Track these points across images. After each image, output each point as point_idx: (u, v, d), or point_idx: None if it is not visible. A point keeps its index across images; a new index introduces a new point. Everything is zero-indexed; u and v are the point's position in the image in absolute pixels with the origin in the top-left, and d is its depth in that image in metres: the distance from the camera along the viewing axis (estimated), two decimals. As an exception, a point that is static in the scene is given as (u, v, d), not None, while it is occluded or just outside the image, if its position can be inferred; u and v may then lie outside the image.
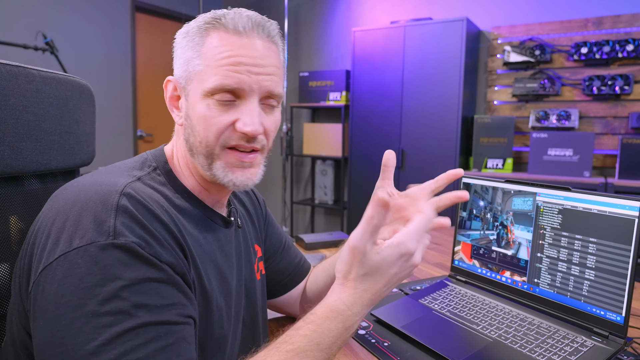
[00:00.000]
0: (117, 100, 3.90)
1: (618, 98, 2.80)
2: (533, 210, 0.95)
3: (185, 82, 0.64)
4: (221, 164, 0.63)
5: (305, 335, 0.53)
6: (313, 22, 4.23)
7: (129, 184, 0.56)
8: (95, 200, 0.53)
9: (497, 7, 3.21)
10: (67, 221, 0.52)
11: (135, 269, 0.50)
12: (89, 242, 0.50)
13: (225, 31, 0.61)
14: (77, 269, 0.49)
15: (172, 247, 0.56)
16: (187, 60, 0.63)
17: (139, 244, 0.51)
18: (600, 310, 0.83)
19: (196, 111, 0.62)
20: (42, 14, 3.28)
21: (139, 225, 0.53)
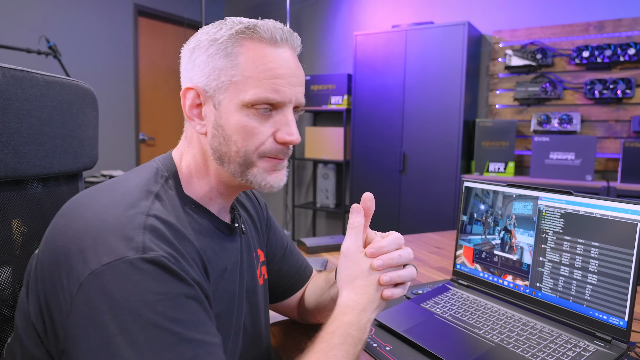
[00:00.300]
0: (119, 104, 3.91)
1: (620, 102, 2.79)
2: (534, 215, 0.95)
3: (214, 91, 0.62)
4: (258, 170, 0.65)
5: (332, 332, 0.61)
6: (315, 26, 4.24)
7: (152, 206, 0.56)
8: (121, 221, 0.52)
9: (498, 11, 3.22)
10: (92, 240, 0.51)
11: (167, 282, 0.50)
12: (117, 257, 0.49)
13: (260, 41, 0.62)
14: (108, 286, 0.48)
15: (197, 266, 0.56)
16: (219, 69, 0.62)
17: (168, 258, 0.51)
18: (602, 315, 0.83)
19: (233, 121, 0.62)
20: (45, 19, 3.30)
21: (167, 243, 0.53)
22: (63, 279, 0.51)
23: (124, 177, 0.63)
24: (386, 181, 3.33)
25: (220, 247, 0.68)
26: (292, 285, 0.92)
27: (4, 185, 0.66)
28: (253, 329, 0.77)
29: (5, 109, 0.62)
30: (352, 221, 0.69)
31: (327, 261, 1.34)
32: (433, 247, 1.62)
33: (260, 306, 0.79)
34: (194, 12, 4.47)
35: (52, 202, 0.75)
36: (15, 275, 0.68)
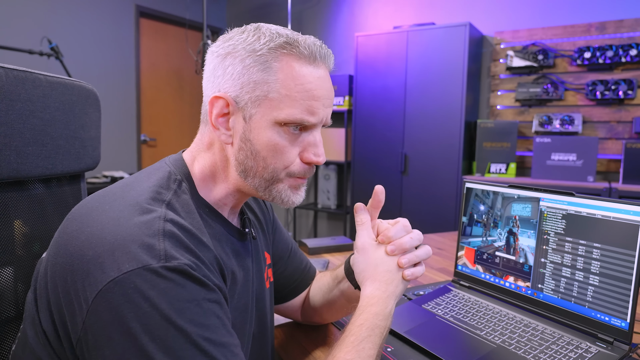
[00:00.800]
0: (120, 105, 3.92)
1: (622, 103, 2.79)
2: (535, 217, 0.95)
3: (245, 104, 0.61)
4: (283, 187, 0.65)
5: (361, 325, 0.63)
6: (316, 27, 4.24)
7: (168, 211, 0.56)
8: (139, 227, 0.51)
9: (500, 12, 3.22)
10: (110, 246, 0.50)
11: (191, 289, 0.50)
12: (140, 265, 0.48)
13: (299, 58, 0.60)
14: (133, 294, 0.47)
15: (216, 271, 0.57)
16: (254, 82, 0.60)
17: (191, 266, 0.51)
18: (604, 316, 0.82)
19: (264, 137, 0.61)
20: (47, 20, 3.31)
21: (187, 249, 0.53)
22: (78, 284, 0.50)
23: (135, 180, 0.62)
24: (387, 182, 3.33)
25: (232, 253, 0.67)
26: (296, 287, 0.92)
27: (7, 186, 0.66)
28: (260, 334, 0.77)
29: (8, 109, 0.62)
30: (359, 219, 0.72)
31: (329, 262, 1.34)
32: (434, 248, 1.62)
33: (266, 311, 0.79)
34: (196, 14, 4.48)
35: (54, 203, 0.75)
36: (17, 276, 0.68)
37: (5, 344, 0.66)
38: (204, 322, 0.50)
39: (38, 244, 0.71)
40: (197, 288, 0.51)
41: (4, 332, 0.66)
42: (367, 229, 0.72)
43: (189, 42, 4.44)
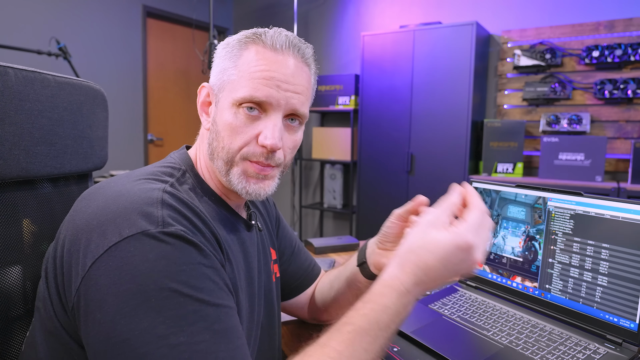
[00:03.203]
0: (128, 105, 3.94)
1: (630, 102, 2.76)
2: (529, 220, 0.94)
3: (217, 90, 0.67)
4: (237, 171, 0.65)
5: (364, 315, 0.54)
6: (322, 27, 4.24)
7: (168, 186, 0.58)
8: (139, 196, 0.54)
9: (507, 10, 3.20)
10: (112, 215, 0.52)
11: (188, 253, 0.52)
12: (139, 230, 0.50)
13: (263, 46, 0.64)
14: (131, 257, 0.49)
15: (212, 240, 0.58)
16: (223, 69, 0.66)
17: (186, 232, 0.53)
18: (613, 317, 0.82)
19: (224, 118, 0.64)
20: (55, 20, 3.34)
21: (184, 217, 0.55)
22: (80, 252, 0.52)
23: (140, 169, 0.65)
24: (394, 182, 3.32)
25: (237, 240, 0.69)
26: (301, 284, 0.93)
27: (15, 185, 0.66)
28: (269, 325, 0.78)
29: (17, 109, 0.63)
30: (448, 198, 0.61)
31: (335, 261, 1.34)
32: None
33: (274, 304, 0.80)
34: (203, 14, 4.49)
35: (62, 202, 0.76)
36: (25, 275, 0.68)
37: (13, 341, 0.66)
38: (199, 284, 0.51)
39: (46, 243, 0.72)
40: (193, 251, 0.52)
41: (12, 329, 0.66)
42: (447, 208, 0.59)
43: (195, 42, 4.46)
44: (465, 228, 0.56)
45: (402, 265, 0.56)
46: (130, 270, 0.48)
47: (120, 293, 0.48)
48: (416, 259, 0.56)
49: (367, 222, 3.48)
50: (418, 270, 0.55)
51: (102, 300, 0.49)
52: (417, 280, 0.55)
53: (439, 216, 0.58)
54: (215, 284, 0.53)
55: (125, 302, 0.48)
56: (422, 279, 0.55)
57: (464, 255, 0.55)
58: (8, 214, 0.65)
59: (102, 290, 0.49)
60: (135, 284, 0.48)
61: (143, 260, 0.49)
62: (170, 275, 0.49)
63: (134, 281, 0.48)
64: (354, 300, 0.66)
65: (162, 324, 0.47)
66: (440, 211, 0.59)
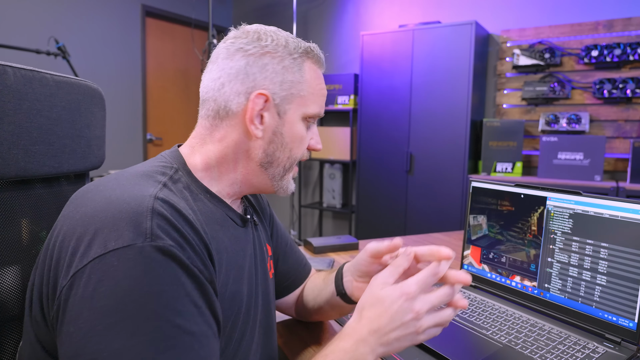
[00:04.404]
0: (127, 104, 3.94)
1: (629, 101, 2.77)
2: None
3: (281, 101, 0.67)
4: (289, 176, 0.73)
5: (326, 355, 0.59)
6: (321, 26, 4.24)
7: (160, 190, 0.57)
8: (129, 203, 0.52)
9: (506, 10, 3.20)
10: (100, 224, 0.51)
11: (173, 272, 0.50)
12: (125, 244, 0.49)
13: (316, 62, 0.71)
14: (114, 272, 0.48)
15: (202, 252, 0.56)
16: (290, 82, 0.67)
17: (175, 247, 0.51)
18: (612, 316, 0.82)
19: (294, 130, 0.69)
20: (54, 20, 3.33)
21: (174, 229, 0.53)
22: (66, 260, 0.51)
23: (132, 167, 0.64)
24: (393, 181, 3.32)
25: (234, 238, 0.69)
26: (291, 283, 0.92)
27: (13, 185, 0.66)
28: (266, 322, 0.77)
29: (16, 108, 0.63)
30: (397, 261, 0.65)
31: (334, 261, 1.34)
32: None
33: (271, 301, 0.80)
34: (202, 13, 4.49)
35: (59, 202, 0.75)
36: (22, 275, 0.68)
37: (9, 341, 0.66)
38: (179, 307, 0.50)
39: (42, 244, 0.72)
40: (178, 271, 0.51)
41: (8, 330, 0.66)
42: (392, 272, 0.63)
43: (195, 41, 4.46)
44: (411, 280, 0.60)
45: (358, 318, 0.62)
46: (110, 286, 0.47)
47: (96, 309, 0.47)
48: (368, 311, 0.61)
49: (366, 221, 3.49)
50: (369, 321, 0.60)
51: (78, 314, 0.47)
52: (370, 329, 0.60)
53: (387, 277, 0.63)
54: (197, 308, 0.52)
55: (100, 319, 0.46)
56: (374, 327, 0.59)
57: (407, 305, 0.58)
58: (6, 214, 0.65)
59: (79, 303, 0.48)
60: (113, 301, 0.47)
61: (125, 276, 0.47)
62: (150, 295, 0.48)
63: (112, 297, 0.47)
64: (336, 315, 0.83)
65: (133, 348, 0.46)
66: (388, 272, 0.63)
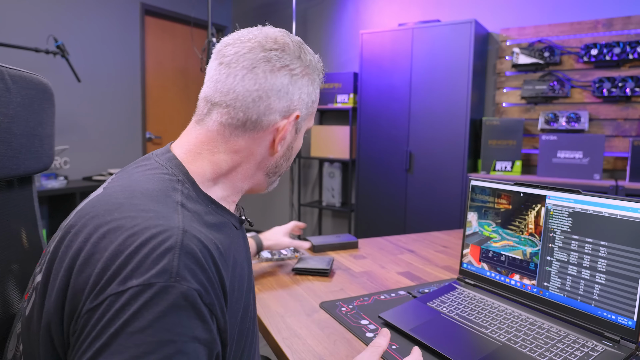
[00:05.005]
0: (126, 103, 3.93)
1: (629, 100, 2.77)
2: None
3: (302, 118, 0.69)
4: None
5: None
6: (321, 25, 4.24)
7: (185, 220, 0.54)
8: (155, 237, 0.49)
9: (505, 9, 3.20)
10: (122, 255, 0.48)
11: (188, 323, 0.47)
12: (147, 282, 0.46)
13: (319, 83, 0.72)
14: (127, 311, 0.45)
15: (220, 293, 0.54)
16: (313, 102, 0.70)
17: (200, 291, 0.49)
18: (611, 315, 0.82)
19: (300, 143, 0.73)
20: (53, 18, 3.33)
21: (201, 269, 0.50)
22: (85, 291, 0.48)
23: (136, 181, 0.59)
24: (392, 180, 3.32)
25: (236, 242, 0.68)
26: None
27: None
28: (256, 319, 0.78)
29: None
30: (376, 341, 0.69)
31: (333, 259, 1.34)
32: (439, 246, 1.62)
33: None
34: (201, 12, 4.48)
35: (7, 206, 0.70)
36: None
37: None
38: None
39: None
40: (194, 322, 0.48)
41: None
42: (372, 352, 0.66)
43: (194, 40, 4.45)
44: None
45: None
46: (118, 324, 0.45)
47: (96, 347, 0.45)
48: None
49: (366, 220, 3.49)
50: None
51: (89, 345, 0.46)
52: None
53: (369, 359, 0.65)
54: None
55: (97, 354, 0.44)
56: None
57: None
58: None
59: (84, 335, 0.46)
60: (116, 341, 0.44)
61: (134, 317, 0.45)
62: (157, 344, 0.45)
63: (116, 337, 0.45)
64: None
65: None
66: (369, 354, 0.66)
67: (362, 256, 1.45)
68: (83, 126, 3.57)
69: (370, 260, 1.40)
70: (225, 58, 0.64)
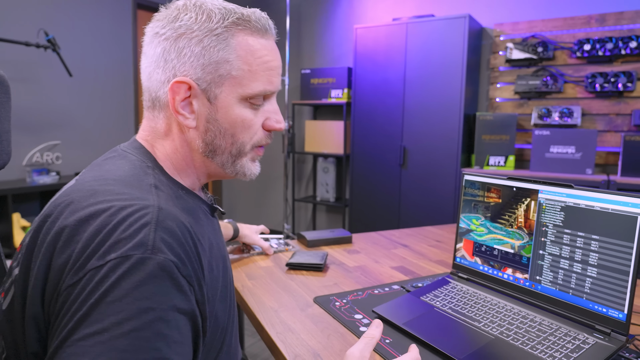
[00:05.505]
0: (119, 98, 3.90)
1: (621, 95, 2.79)
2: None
3: (208, 85, 0.61)
4: (246, 160, 0.68)
5: None
6: (315, 19, 4.22)
7: (160, 200, 0.54)
8: (131, 215, 0.50)
9: (499, 4, 3.20)
10: (101, 234, 0.49)
11: (166, 292, 0.48)
12: (124, 254, 0.47)
13: (252, 33, 0.62)
14: (106, 283, 0.46)
15: (197, 268, 0.54)
16: (216, 62, 0.60)
17: (176, 263, 0.50)
18: (602, 308, 0.83)
19: (231, 115, 0.63)
20: (43, 12, 3.28)
21: (178, 243, 0.51)
22: (62, 269, 0.49)
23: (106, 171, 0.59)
24: (386, 175, 3.33)
25: (210, 228, 0.68)
26: None
27: None
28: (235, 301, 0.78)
29: None
30: (369, 332, 0.66)
31: (327, 254, 1.34)
32: (433, 240, 1.63)
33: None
34: (194, 5, 4.44)
35: None
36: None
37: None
38: (163, 330, 0.47)
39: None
40: (172, 292, 0.49)
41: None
42: (366, 344, 0.64)
43: (187, 34, 4.41)
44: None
45: None
46: (98, 295, 0.45)
47: (78, 319, 0.45)
48: None
49: (360, 215, 3.49)
50: None
51: (61, 318, 0.46)
52: None
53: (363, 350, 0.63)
54: (181, 335, 0.49)
55: (78, 329, 0.45)
56: None
57: None
58: None
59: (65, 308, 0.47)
60: (97, 312, 0.45)
61: (113, 287, 0.46)
62: (137, 313, 0.45)
63: (96, 307, 0.45)
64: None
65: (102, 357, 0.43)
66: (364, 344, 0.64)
67: (356, 251, 1.45)
68: (75, 121, 3.54)
69: (364, 255, 1.41)
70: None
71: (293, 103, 4.06)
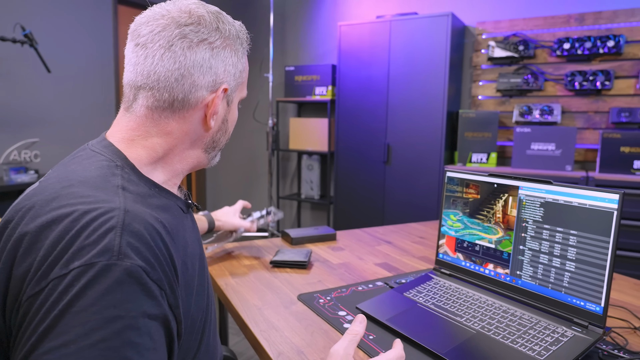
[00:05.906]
0: (98, 95, 3.83)
1: (599, 93, 2.84)
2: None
3: (231, 90, 0.68)
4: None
5: None
6: (299, 17, 4.21)
7: (127, 202, 0.53)
8: (96, 219, 0.49)
9: (481, 2, 3.23)
10: (63, 241, 0.47)
11: (135, 299, 0.47)
12: (88, 262, 0.45)
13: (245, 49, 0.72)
14: (70, 292, 0.44)
15: (169, 272, 0.53)
16: (240, 72, 0.69)
17: (145, 268, 0.48)
18: (580, 301, 0.85)
19: (234, 115, 0.72)
20: (20, 6, 3.20)
21: (146, 247, 0.50)
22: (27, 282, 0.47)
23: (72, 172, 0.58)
24: (371, 172, 3.34)
25: (183, 225, 0.66)
26: None
27: None
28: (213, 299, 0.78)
29: None
30: (352, 328, 0.67)
31: (311, 252, 1.34)
32: (416, 237, 1.64)
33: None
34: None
35: None
36: None
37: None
38: (133, 339, 0.46)
39: None
40: (141, 297, 0.47)
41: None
42: (350, 341, 0.64)
43: (169, 30, 4.35)
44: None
45: None
46: (63, 306, 0.44)
47: (43, 329, 0.43)
48: None
49: (345, 212, 3.50)
50: None
51: (24, 330, 0.45)
52: None
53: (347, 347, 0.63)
54: (153, 341, 0.48)
55: (43, 341, 0.43)
56: None
57: None
58: None
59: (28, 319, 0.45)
60: (62, 323, 0.43)
61: (79, 296, 0.44)
62: (104, 321, 0.44)
63: (61, 318, 0.43)
64: None
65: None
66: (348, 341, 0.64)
67: (340, 248, 1.46)
68: (54, 118, 3.46)
69: (348, 252, 1.41)
70: (141, 39, 0.62)
71: (277, 100, 4.04)
